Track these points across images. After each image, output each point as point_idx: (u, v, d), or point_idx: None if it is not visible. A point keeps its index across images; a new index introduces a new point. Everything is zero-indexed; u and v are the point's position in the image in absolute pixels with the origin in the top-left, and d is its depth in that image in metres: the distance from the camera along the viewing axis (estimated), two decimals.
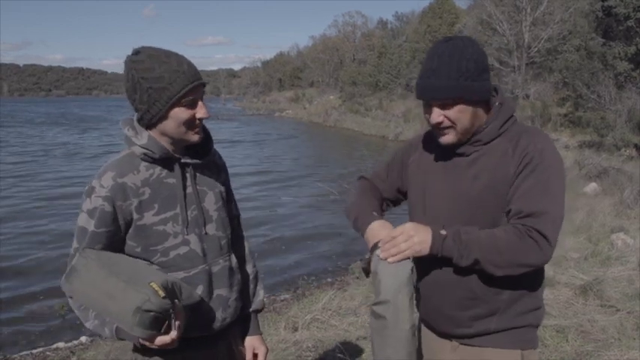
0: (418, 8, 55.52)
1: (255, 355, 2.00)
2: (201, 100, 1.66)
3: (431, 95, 1.61)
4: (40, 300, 6.67)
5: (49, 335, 5.73)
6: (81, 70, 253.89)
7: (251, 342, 2.00)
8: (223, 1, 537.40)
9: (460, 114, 1.60)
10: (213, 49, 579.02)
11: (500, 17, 26.82)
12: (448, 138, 1.65)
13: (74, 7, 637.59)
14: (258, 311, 2.05)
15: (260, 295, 2.05)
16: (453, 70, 1.56)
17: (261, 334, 2.04)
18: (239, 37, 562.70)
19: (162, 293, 1.45)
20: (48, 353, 5.12)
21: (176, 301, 1.52)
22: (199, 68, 1.68)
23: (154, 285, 1.46)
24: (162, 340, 1.50)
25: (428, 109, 1.66)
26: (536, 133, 1.66)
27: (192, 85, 1.59)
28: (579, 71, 21.13)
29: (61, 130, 35.50)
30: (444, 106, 1.61)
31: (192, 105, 1.62)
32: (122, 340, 1.59)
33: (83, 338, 5.35)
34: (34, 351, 5.25)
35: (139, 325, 1.43)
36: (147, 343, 1.51)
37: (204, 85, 1.66)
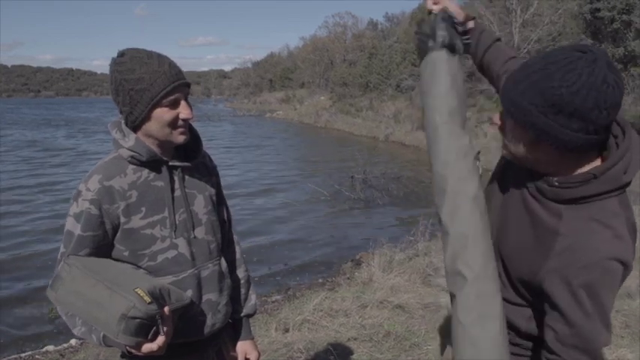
0: (408, 9, 55.68)
1: None
2: (185, 100, 1.64)
3: (500, 96, 1.36)
4: (29, 303, 6.62)
5: (39, 338, 5.68)
6: (70, 71, 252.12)
7: (243, 347, 2.00)
8: (215, 1, 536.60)
9: (511, 133, 1.35)
10: (205, 49, 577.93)
11: (490, 18, 26.93)
12: (503, 150, 1.42)
13: (64, 6, 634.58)
14: (249, 316, 2.03)
15: (252, 300, 2.04)
16: (531, 85, 1.24)
17: (253, 338, 2.04)
18: (230, 38, 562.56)
19: (148, 299, 1.43)
20: (37, 357, 5.08)
21: (165, 307, 1.50)
22: (191, 69, 1.68)
23: (140, 291, 1.44)
24: (148, 347, 1.47)
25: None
26: (603, 241, 1.26)
27: (173, 86, 1.58)
28: None
29: (63, 133, 34.45)
30: (505, 115, 1.36)
31: (175, 105, 1.61)
32: (110, 347, 1.56)
33: (73, 341, 5.31)
34: (23, 354, 5.20)
35: (125, 333, 1.40)
36: (133, 351, 1.49)
37: (188, 85, 1.64)
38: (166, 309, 1.50)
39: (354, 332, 4.42)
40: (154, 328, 1.46)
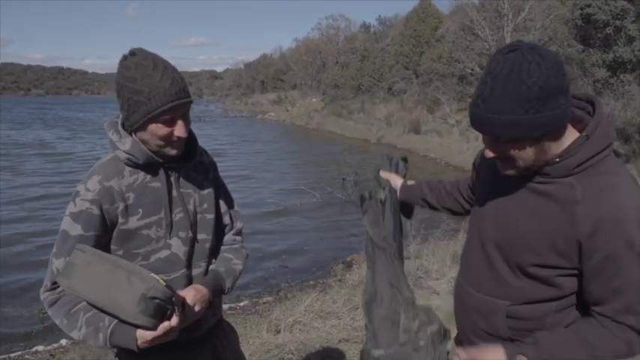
0: (401, 12, 55.86)
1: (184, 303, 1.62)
2: (183, 117, 1.61)
3: (479, 128, 1.34)
4: (18, 303, 6.59)
5: (28, 339, 5.67)
6: (61, 70, 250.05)
7: (190, 288, 1.69)
8: (207, 1, 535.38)
9: (519, 152, 1.33)
10: (197, 50, 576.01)
11: (482, 23, 27.06)
12: (508, 172, 1.41)
13: (55, 5, 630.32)
14: (219, 276, 1.79)
15: (237, 267, 1.88)
16: (506, 100, 1.24)
17: (210, 289, 1.72)
18: (222, 39, 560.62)
19: (163, 282, 1.47)
20: (27, 357, 5.07)
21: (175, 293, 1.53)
22: (182, 70, 1.65)
23: (155, 275, 1.48)
24: (164, 326, 1.48)
25: (483, 138, 1.39)
26: (621, 188, 1.31)
27: (171, 105, 1.55)
28: None
29: (69, 135, 33.09)
30: (497, 141, 1.35)
31: (171, 123, 1.60)
32: (115, 347, 1.56)
33: (63, 341, 5.29)
34: (12, 355, 5.19)
35: (143, 313, 1.43)
36: (146, 336, 1.48)
37: (188, 102, 1.61)
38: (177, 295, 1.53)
39: (345, 334, 4.43)
40: (169, 312, 1.49)
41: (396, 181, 2.01)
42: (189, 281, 1.75)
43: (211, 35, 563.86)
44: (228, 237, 1.95)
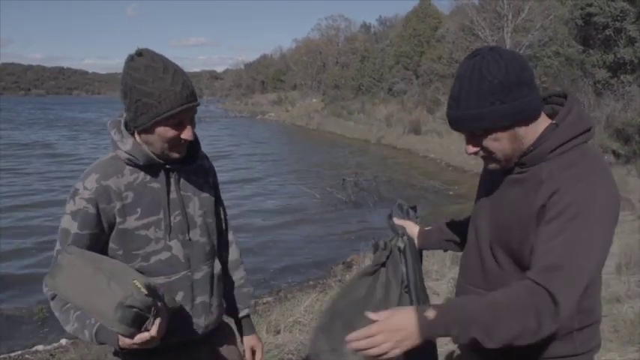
0: (401, 12, 55.83)
1: (253, 353, 2.07)
2: (190, 120, 1.63)
3: (455, 127, 1.45)
4: (18, 303, 6.60)
5: (28, 338, 5.67)
6: (61, 70, 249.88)
7: (249, 342, 2.07)
8: (207, 1, 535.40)
9: (494, 143, 1.42)
10: (197, 50, 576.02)
11: (482, 24, 27.05)
12: (492, 166, 1.50)
13: (56, 6, 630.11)
14: (250, 319, 2.12)
15: (252, 299, 2.12)
16: (473, 97, 1.36)
17: (256, 333, 2.13)
18: (222, 39, 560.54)
19: (144, 291, 1.44)
20: (27, 356, 5.07)
21: (158, 302, 1.50)
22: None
23: (137, 282, 1.45)
24: (141, 337, 1.45)
25: (465, 136, 1.48)
26: (586, 166, 1.36)
27: (181, 109, 1.56)
28: (558, 77, 21.46)
29: (71, 135, 33.00)
30: (473, 136, 1.44)
31: (179, 126, 1.61)
32: (102, 344, 1.56)
33: (63, 341, 5.30)
34: (13, 354, 5.19)
35: (120, 322, 1.41)
36: (126, 341, 1.47)
37: (197, 105, 1.63)
38: (160, 303, 1.50)
39: None
40: (148, 321, 1.46)
41: (412, 229, 1.95)
42: (191, 284, 1.75)
43: (211, 35, 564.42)
44: (234, 270, 2.05)
